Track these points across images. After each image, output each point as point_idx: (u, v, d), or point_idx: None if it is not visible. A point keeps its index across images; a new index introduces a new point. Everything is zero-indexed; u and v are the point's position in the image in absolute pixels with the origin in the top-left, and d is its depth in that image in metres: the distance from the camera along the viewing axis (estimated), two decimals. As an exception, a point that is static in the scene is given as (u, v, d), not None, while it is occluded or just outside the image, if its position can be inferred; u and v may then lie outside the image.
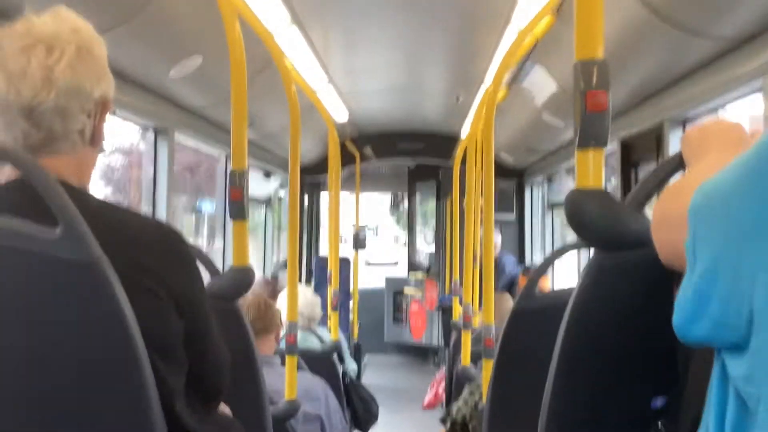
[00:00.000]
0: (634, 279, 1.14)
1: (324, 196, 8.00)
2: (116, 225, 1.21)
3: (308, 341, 3.79)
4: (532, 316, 1.90)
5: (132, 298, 1.11)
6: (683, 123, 3.15)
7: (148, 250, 1.21)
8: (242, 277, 1.94)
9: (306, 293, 3.95)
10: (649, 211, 1.13)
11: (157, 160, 3.57)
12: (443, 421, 2.99)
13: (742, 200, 0.61)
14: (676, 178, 1.24)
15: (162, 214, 3.49)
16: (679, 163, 1.07)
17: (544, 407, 1.22)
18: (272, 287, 4.28)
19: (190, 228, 6.23)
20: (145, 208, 3.59)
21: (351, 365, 4.49)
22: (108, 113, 1.29)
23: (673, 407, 1.08)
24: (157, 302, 1.19)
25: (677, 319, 0.70)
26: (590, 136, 1.19)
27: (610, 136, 1.23)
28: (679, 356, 1.10)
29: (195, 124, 3.99)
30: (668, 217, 0.83)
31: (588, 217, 1.14)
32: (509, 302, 3.73)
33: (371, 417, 4.20)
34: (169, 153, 3.54)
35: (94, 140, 1.25)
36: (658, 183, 1.11)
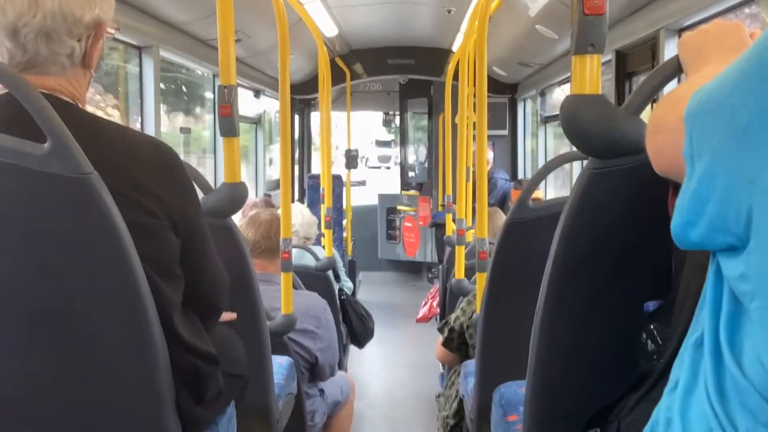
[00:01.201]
0: (628, 185, 1.13)
1: (315, 116, 7.92)
2: (111, 141, 1.19)
3: (304, 259, 3.82)
4: (526, 227, 1.91)
5: (127, 214, 1.11)
6: (679, 32, 3.09)
7: (143, 168, 1.20)
8: (235, 193, 1.93)
9: (304, 212, 3.95)
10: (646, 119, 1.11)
11: (143, 78, 3.51)
12: (440, 330, 3.05)
13: (740, 100, 0.60)
14: (672, 85, 1.22)
15: (150, 133, 3.45)
16: (676, 68, 1.05)
17: (538, 312, 1.24)
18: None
19: None
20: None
21: (347, 283, 4.54)
22: (104, 35, 1.25)
23: (665, 311, 1.10)
24: (153, 219, 1.19)
25: (675, 223, 0.70)
26: (587, 41, 1.16)
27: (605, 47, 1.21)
28: (673, 262, 1.11)
29: (181, 41, 3.90)
30: (665, 125, 0.82)
31: (584, 123, 1.12)
32: (501, 217, 3.75)
33: (368, 332, 4.28)
34: (155, 71, 3.47)
35: (86, 62, 1.23)
36: (654, 87, 1.09)
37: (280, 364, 2.35)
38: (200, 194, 1.84)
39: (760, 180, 0.58)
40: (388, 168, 21.16)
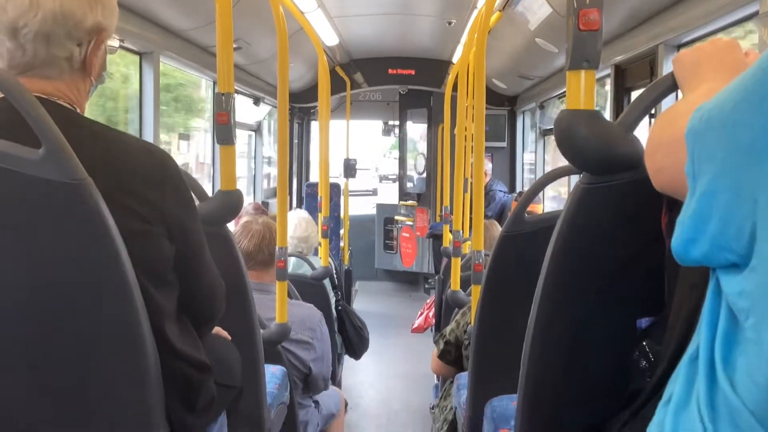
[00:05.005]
0: (621, 201, 1.13)
1: (315, 125, 7.93)
2: (108, 147, 1.19)
3: (303, 268, 3.81)
4: (522, 240, 1.90)
5: (120, 220, 1.10)
6: (678, 48, 3.10)
7: (138, 174, 1.20)
8: (231, 201, 1.93)
9: (307, 220, 3.94)
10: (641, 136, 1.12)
11: (142, 85, 3.51)
12: (436, 342, 3.05)
13: (743, 118, 0.60)
14: (668, 101, 1.22)
15: (148, 140, 3.45)
16: (671, 84, 1.05)
17: (530, 327, 1.23)
18: (264, 214, 4.27)
19: None
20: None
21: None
22: (105, 43, 1.25)
23: (658, 328, 1.10)
24: (147, 226, 1.19)
25: (676, 240, 0.70)
26: (582, 57, 1.16)
27: (603, 61, 1.21)
28: (666, 278, 1.11)
29: (181, 48, 3.91)
30: (664, 142, 0.82)
31: (578, 139, 1.12)
32: (497, 229, 3.75)
33: (363, 342, 4.27)
34: (154, 77, 3.48)
35: (86, 69, 1.23)
36: (649, 104, 1.09)
37: (273, 373, 2.34)
38: (196, 201, 1.85)
39: (762, 198, 0.58)
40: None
